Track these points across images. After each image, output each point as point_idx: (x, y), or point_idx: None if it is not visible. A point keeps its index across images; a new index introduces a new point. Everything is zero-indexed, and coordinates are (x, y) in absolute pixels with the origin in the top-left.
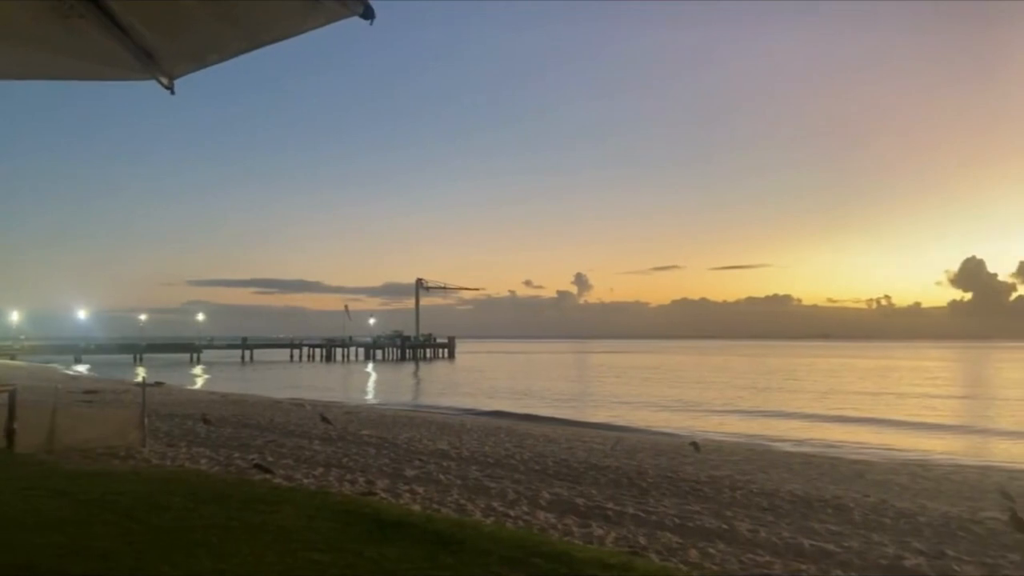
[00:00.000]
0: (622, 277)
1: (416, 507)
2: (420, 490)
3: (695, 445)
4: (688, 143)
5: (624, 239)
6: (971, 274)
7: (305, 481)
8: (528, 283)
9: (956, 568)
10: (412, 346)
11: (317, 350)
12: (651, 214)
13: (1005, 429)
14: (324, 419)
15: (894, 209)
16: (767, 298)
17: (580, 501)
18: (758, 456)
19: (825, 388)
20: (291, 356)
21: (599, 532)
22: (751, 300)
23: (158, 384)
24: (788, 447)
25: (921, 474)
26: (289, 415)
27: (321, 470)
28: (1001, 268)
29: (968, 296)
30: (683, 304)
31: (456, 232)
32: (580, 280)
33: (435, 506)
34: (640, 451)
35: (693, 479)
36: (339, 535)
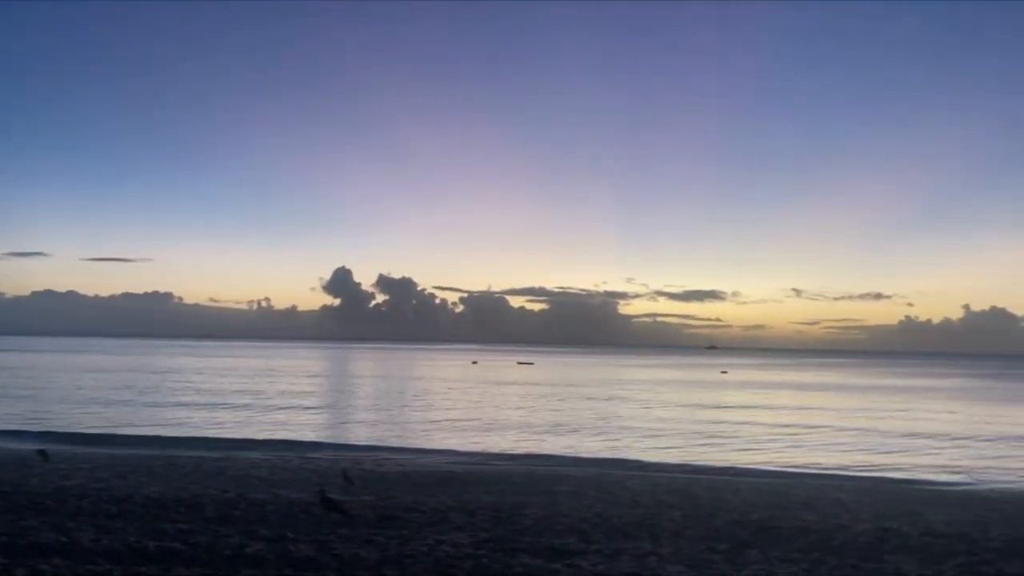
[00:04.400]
0: None
1: None
2: None
3: (43, 454)
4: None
5: None
6: (341, 282)
7: None
8: None
9: (292, 548)
10: None
11: None
12: (6, 192)
13: (362, 418)
14: None
15: (281, 214)
16: (147, 294)
17: None
18: (119, 461)
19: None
20: None
21: None
22: (128, 296)
23: None
24: (155, 452)
25: (281, 466)
26: None
27: None
28: (365, 279)
29: (338, 302)
30: (48, 296)
31: None
32: None
33: None
34: None
35: (36, 492)
36: None
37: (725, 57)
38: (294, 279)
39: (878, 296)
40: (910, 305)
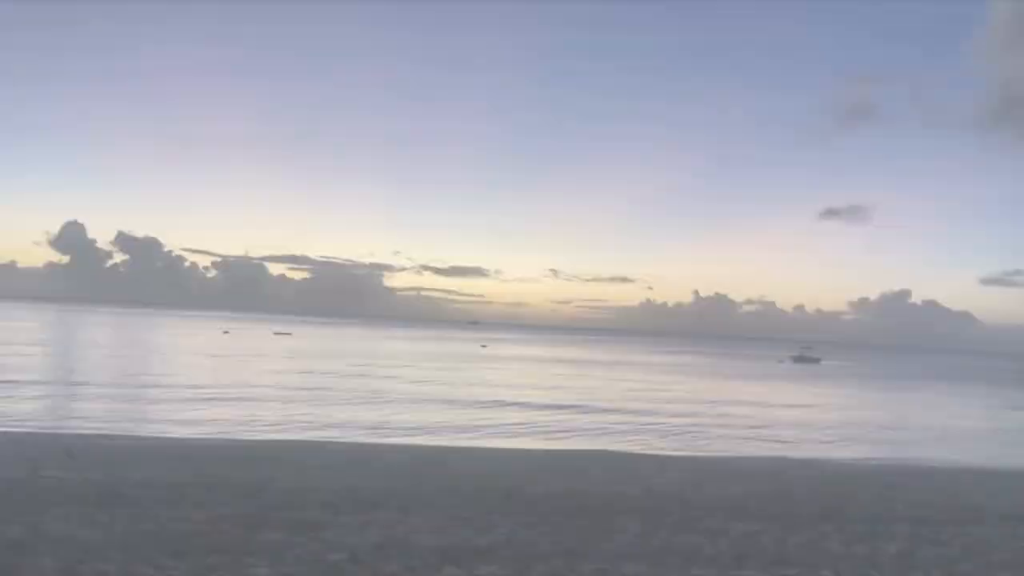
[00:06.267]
0: None
1: None
2: None
3: None
4: None
5: None
6: (71, 238)
7: None
8: None
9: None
10: None
11: None
12: None
13: (91, 392)
14: None
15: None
16: None
17: None
18: None
19: None
20: None
21: None
22: None
23: None
24: None
25: None
26: None
27: None
28: (101, 236)
29: (67, 259)
30: None
31: None
32: None
33: None
34: None
35: None
36: None
37: (495, 38)
38: (13, 231)
39: (624, 279)
40: (650, 288)
